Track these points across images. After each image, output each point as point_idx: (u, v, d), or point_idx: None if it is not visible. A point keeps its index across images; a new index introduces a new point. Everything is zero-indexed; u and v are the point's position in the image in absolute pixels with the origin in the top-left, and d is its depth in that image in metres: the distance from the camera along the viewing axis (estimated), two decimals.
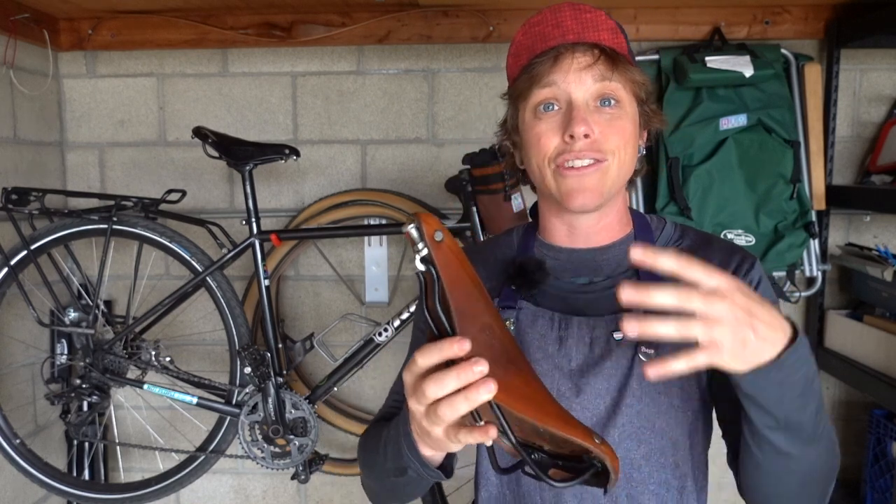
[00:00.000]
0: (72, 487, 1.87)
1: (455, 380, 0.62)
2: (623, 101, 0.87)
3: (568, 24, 0.86)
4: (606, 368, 0.88)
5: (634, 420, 0.87)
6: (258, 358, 1.76)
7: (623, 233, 0.95)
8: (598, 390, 0.88)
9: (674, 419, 0.88)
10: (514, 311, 0.94)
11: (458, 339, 0.63)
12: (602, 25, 0.86)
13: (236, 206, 2.15)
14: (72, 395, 1.83)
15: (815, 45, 2.01)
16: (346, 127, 2.11)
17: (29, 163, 2.00)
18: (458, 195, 1.80)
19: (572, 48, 0.85)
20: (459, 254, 0.67)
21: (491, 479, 0.96)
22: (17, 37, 1.89)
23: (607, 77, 0.85)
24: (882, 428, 1.93)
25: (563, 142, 0.85)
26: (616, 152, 0.86)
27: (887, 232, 2.07)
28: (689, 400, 0.89)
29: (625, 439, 0.87)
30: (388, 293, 2.15)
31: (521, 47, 0.90)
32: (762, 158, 1.88)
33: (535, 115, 0.88)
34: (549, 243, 0.97)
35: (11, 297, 1.87)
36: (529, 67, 0.88)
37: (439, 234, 0.65)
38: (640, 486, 0.88)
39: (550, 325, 0.92)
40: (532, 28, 0.89)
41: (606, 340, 0.89)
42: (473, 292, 0.66)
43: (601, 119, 0.85)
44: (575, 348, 0.90)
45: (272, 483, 2.25)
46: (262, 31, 2.02)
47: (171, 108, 2.13)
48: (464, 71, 2.07)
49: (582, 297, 0.93)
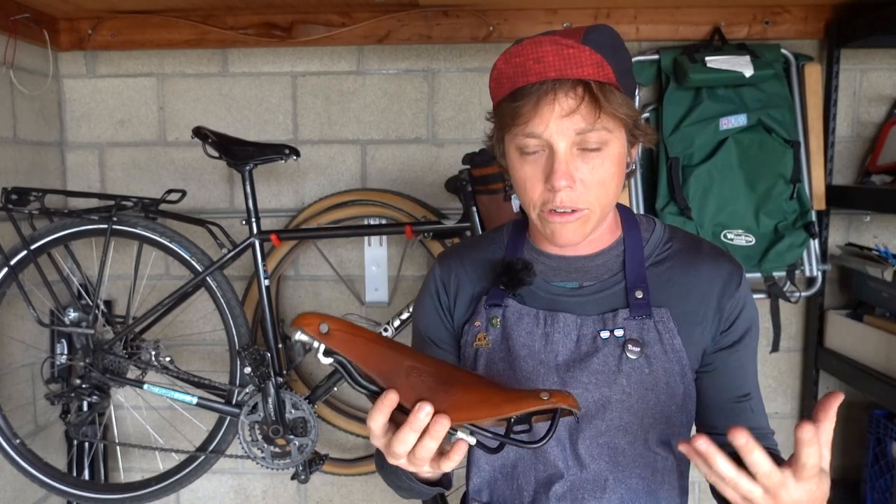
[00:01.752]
0: (72, 487, 1.87)
1: (412, 433, 0.71)
2: (609, 141, 0.85)
3: (549, 60, 0.81)
4: (594, 364, 0.90)
5: (624, 415, 0.90)
6: (258, 358, 1.76)
7: (613, 238, 0.97)
8: (585, 384, 0.90)
9: (660, 413, 0.91)
10: (500, 308, 0.95)
11: (386, 393, 0.72)
12: (586, 60, 0.81)
13: (236, 206, 2.15)
14: (72, 395, 1.83)
15: (815, 45, 2.01)
16: (346, 127, 2.11)
17: (29, 163, 2.00)
18: (458, 195, 1.80)
19: (553, 88, 0.82)
20: (349, 328, 0.73)
21: (482, 466, 0.98)
22: (17, 37, 1.89)
23: (590, 121, 0.82)
24: (882, 428, 1.93)
25: (546, 190, 0.86)
26: (597, 201, 0.87)
27: (887, 232, 2.07)
28: (674, 395, 0.92)
29: (611, 429, 0.90)
30: (388, 293, 2.15)
31: (502, 75, 0.86)
32: (762, 158, 1.88)
33: (519, 154, 0.88)
34: (538, 248, 0.99)
35: (11, 297, 1.87)
36: (512, 104, 0.85)
37: (324, 327, 0.72)
38: (625, 469, 0.91)
39: (536, 321, 0.93)
40: (512, 59, 0.84)
41: (593, 338, 0.91)
42: (382, 350, 0.73)
43: (584, 165, 0.85)
44: (561, 344, 0.92)
45: (272, 483, 2.25)
46: (262, 31, 2.02)
47: (171, 108, 2.13)
48: (464, 71, 2.07)
49: (571, 300, 0.94)
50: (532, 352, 0.92)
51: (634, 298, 0.91)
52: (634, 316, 0.91)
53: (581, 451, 0.91)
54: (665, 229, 0.99)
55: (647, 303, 0.91)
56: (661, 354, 0.90)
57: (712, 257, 0.95)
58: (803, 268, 1.96)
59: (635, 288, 0.92)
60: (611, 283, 0.94)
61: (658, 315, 0.91)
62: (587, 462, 0.91)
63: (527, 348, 0.92)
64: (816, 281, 1.99)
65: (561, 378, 0.90)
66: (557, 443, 0.91)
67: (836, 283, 2.08)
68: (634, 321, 0.91)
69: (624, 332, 0.90)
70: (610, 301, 0.93)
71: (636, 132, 0.90)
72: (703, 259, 0.94)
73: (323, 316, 0.73)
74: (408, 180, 2.11)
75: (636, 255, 0.95)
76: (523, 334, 0.93)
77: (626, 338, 0.90)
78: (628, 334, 0.90)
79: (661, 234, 0.98)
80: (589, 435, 0.90)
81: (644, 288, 0.92)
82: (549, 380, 0.90)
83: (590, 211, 0.87)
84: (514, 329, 0.94)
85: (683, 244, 0.97)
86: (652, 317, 0.91)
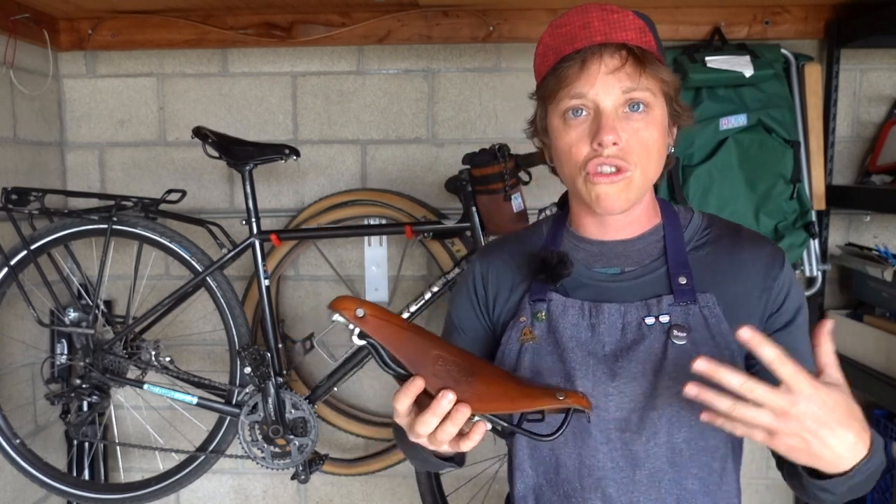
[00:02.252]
0: (72, 487, 1.87)
1: (435, 417, 0.76)
2: (651, 104, 0.87)
3: (595, 25, 0.86)
4: (640, 352, 0.89)
5: (674, 402, 0.88)
6: (258, 358, 1.76)
7: (652, 224, 0.97)
8: (633, 373, 0.89)
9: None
10: (544, 303, 0.95)
11: (413, 379, 0.77)
12: (630, 25, 0.86)
13: (236, 206, 2.15)
14: (72, 395, 1.83)
15: (815, 45, 2.01)
16: (346, 127, 2.11)
17: (29, 163, 2.00)
18: (458, 195, 1.80)
19: (599, 51, 0.85)
20: (383, 314, 0.78)
21: (527, 471, 0.97)
22: (17, 37, 1.89)
23: (635, 80, 0.85)
24: (882, 428, 1.92)
25: (592, 149, 0.87)
26: (639, 164, 0.87)
27: (887, 232, 2.07)
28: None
29: (665, 423, 0.88)
30: (388, 293, 2.15)
31: (548, 48, 0.91)
32: (762, 158, 1.88)
33: (564, 121, 0.89)
34: (579, 235, 0.99)
35: (11, 297, 1.87)
36: (556, 70, 0.88)
37: (360, 311, 0.76)
38: (682, 470, 0.89)
39: (581, 313, 0.93)
40: (558, 29, 0.88)
41: (638, 325, 0.90)
42: (412, 337, 0.78)
43: (629, 126, 0.86)
44: (607, 334, 0.91)
45: (272, 483, 2.25)
46: (262, 31, 2.02)
47: (171, 108, 2.13)
48: (464, 71, 2.07)
49: (613, 287, 0.94)
50: (579, 343, 0.92)
51: (678, 284, 0.91)
52: (679, 302, 0.90)
53: (634, 451, 0.89)
54: (703, 217, 0.99)
55: (691, 288, 0.90)
56: (709, 339, 0.89)
57: (752, 241, 0.94)
58: (803, 268, 1.97)
59: (678, 273, 0.92)
60: (652, 267, 0.94)
61: (703, 300, 0.90)
62: (642, 460, 0.89)
63: (574, 340, 0.92)
64: (816, 281, 1.99)
65: (610, 369, 0.90)
66: (606, 441, 0.90)
67: (836, 283, 2.08)
68: (679, 307, 0.90)
69: (669, 317, 0.90)
70: (652, 286, 0.93)
71: (676, 107, 0.92)
72: (743, 243, 0.94)
73: (359, 300, 0.76)
74: (408, 180, 2.11)
75: (677, 241, 0.95)
76: (569, 326, 0.93)
77: (672, 323, 0.89)
78: (673, 320, 0.89)
79: (699, 220, 0.98)
80: (645, 434, 0.88)
81: (687, 273, 0.92)
82: (599, 371, 0.90)
83: (632, 174, 0.87)
84: (560, 322, 0.94)
85: (722, 230, 0.97)
86: (697, 302, 0.90)
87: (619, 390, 0.89)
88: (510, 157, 1.66)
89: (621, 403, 0.89)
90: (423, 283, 2.13)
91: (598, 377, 0.90)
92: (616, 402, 0.89)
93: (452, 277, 1.76)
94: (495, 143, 1.66)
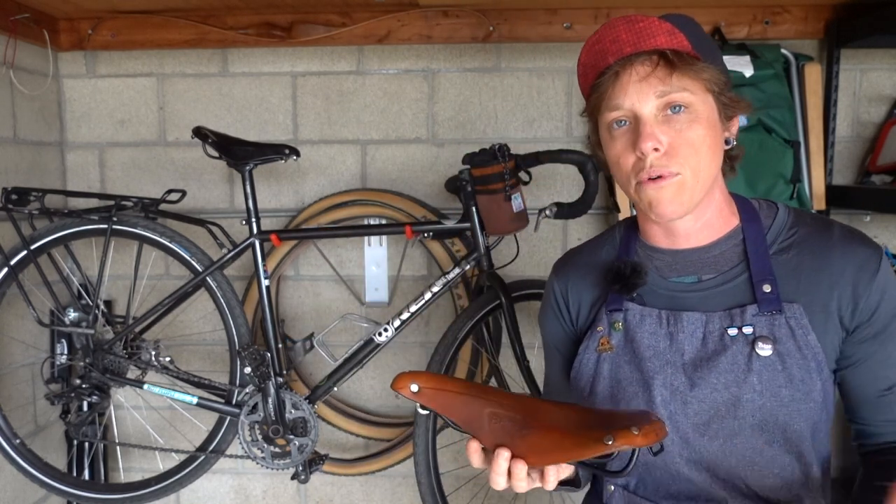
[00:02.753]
0: (72, 487, 1.87)
1: (497, 475, 0.79)
2: (693, 103, 0.86)
3: (623, 38, 0.86)
4: (722, 363, 0.87)
5: (756, 413, 0.86)
6: (258, 358, 1.76)
7: (729, 227, 0.94)
8: (714, 384, 0.87)
9: (796, 411, 0.87)
10: (621, 312, 0.95)
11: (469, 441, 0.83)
12: (656, 30, 0.86)
13: (236, 206, 2.15)
14: (72, 395, 1.83)
15: (815, 45, 2.01)
16: (346, 127, 2.11)
17: (29, 163, 2.00)
18: (458, 195, 1.80)
19: (630, 61, 0.86)
20: (437, 383, 0.84)
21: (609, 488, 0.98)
22: (17, 37, 1.89)
23: (667, 83, 0.85)
24: None
25: (637, 158, 0.87)
26: (687, 164, 0.86)
27: (887, 232, 2.07)
28: (811, 392, 0.87)
29: (745, 428, 0.87)
30: (388, 293, 2.15)
31: (586, 67, 0.92)
32: (762, 158, 1.88)
33: (609, 133, 0.90)
34: (650, 244, 0.98)
35: (11, 297, 1.87)
36: (596, 86, 0.90)
37: (414, 386, 0.83)
38: (763, 469, 0.88)
39: (659, 322, 0.92)
40: (592, 47, 0.90)
41: (720, 336, 0.88)
42: (466, 401, 0.83)
43: (671, 129, 0.85)
44: (687, 343, 0.90)
45: (272, 483, 2.25)
46: (262, 31, 2.02)
47: (171, 108, 2.13)
48: (464, 71, 2.07)
49: (692, 296, 0.93)
50: (657, 352, 0.91)
51: (762, 293, 0.87)
52: (764, 312, 0.87)
53: (712, 454, 0.88)
54: (789, 213, 0.94)
55: (776, 297, 0.87)
56: (795, 351, 0.86)
57: (844, 242, 0.89)
58: None
59: (762, 281, 0.88)
60: (732, 275, 0.91)
61: (790, 311, 0.87)
62: (720, 465, 0.88)
63: (652, 349, 0.91)
64: None
65: (689, 378, 0.88)
66: (684, 448, 0.89)
67: None
68: (764, 317, 0.87)
69: (753, 329, 0.87)
70: (734, 294, 0.90)
71: (725, 100, 0.90)
72: (833, 245, 0.89)
73: (414, 375, 0.83)
74: (408, 180, 2.11)
75: (759, 245, 0.91)
76: (647, 335, 0.92)
77: (756, 335, 0.87)
78: (758, 331, 0.87)
79: (784, 218, 0.94)
80: (722, 436, 0.87)
81: (772, 281, 0.88)
82: (677, 380, 0.89)
83: (682, 175, 0.86)
84: (638, 331, 0.93)
85: (812, 228, 0.92)
86: (783, 312, 0.87)
87: (698, 399, 0.88)
88: (510, 157, 1.66)
89: (700, 410, 0.88)
90: (423, 283, 2.13)
91: (677, 386, 0.89)
92: (695, 409, 0.88)
93: (452, 277, 1.76)
94: (495, 143, 1.66)
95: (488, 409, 0.82)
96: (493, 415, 0.82)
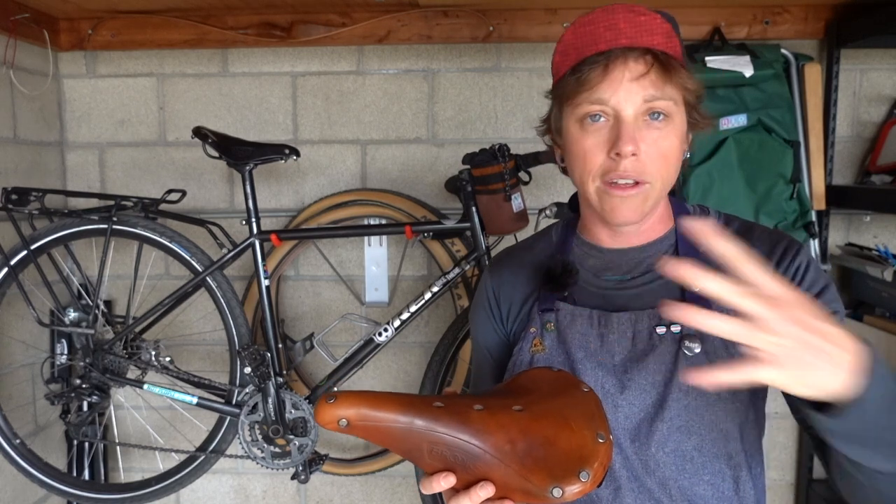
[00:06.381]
0: (72, 487, 1.87)
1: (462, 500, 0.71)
2: (672, 113, 0.84)
3: (621, 27, 0.81)
4: (650, 363, 0.86)
5: (682, 414, 0.85)
6: (258, 358, 1.76)
7: (666, 228, 0.94)
8: (643, 385, 0.86)
9: (723, 411, 0.86)
10: (552, 313, 0.93)
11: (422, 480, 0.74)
12: (657, 28, 0.82)
13: (236, 206, 2.15)
14: (72, 395, 1.83)
15: (815, 45, 2.01)
16: (346, 127, 2.11)
17: (29, 163, 2.00)
18: (458, 195, 1.80)
19: (624, 55, 0.81)
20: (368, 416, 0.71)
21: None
22: (17, 37, 1.89)
23: (659, 89, 0.82)
24: None
25: (608, 158, 0.84)
26: (658, 174, 0.84)
27: (887, 232, 2.07)
28: (738, 392, 0.86)
29: (674, 432, 0.86)
30: (388, 293, 2.15)
31: (570, 47, 0.86)
32: (762, 158, 1.88)
33: (581, 125, 0.85)
34: (589, 242, 0.97)
35: (11, 297, 1.87)
36: (577, 72, 0.84)
37: (342, 422, 0.71)
38: (693, 476, 0.86)
39: (590, 322, 0.91)
40: (583, 28, 0.84)
41: (649, 335, 0.88)
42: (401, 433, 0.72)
43: (648, 136, 0.83)
44: (617, 344, 0.89)
45: (272, 483, 2.25)
46: (262, 31, 2.02)
47: (171, 108, 2.13)
48: (464, 71, 2.07)
49: (623, 294, 0.92)
50: (588, 353, 0.89)
51: (690, 291, 0.86)
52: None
53: (645, 457, 0.87)
54: (720, 216, 0.95)
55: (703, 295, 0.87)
56: (723, 350, 0.85)
57: (761, 240, 0.90)
58: None
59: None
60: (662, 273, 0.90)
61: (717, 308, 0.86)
62: (652, 469, 0.87)
63: (583, 350, 0.90)
64: None
65: (619, 380, 0.87)
66: (619, 451, 0.87)
67: (836, 283, 2.07)
68: None
69: (681, 327, 0.86)
70: (663, 293, 0.89)
71: (696, 115, 0.88)
72: (754, 241, 0.90)
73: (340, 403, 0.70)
74: (408, 180, 2.11)
75: (689, 245, 0.91)
76: (578, 336, 0.91)
77: (683, 333, 0.86)
78: (685, 330, 0.86)
79: (715, 220, 0.94)
80: (655, 440, 0.86)
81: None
82: (608, 383, 0.88)
83: (650, 185, 0.84)
84: (569, 332, 0.91)
85: (737, 230, 0.93)
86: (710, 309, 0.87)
87: (628, 402, 0.87)
88: (510, 157, 1.66)
89: (630, 414, 0.87)
90: (423, 283, 2.13)
91: (608, 389, 0.88)
92: (625, 413, 0.87)
93: (452, 277, 1.76)
94: (495, 143, 1.66)
95: (426, 444, 0.72)
96: (432, 446, 0.72)
